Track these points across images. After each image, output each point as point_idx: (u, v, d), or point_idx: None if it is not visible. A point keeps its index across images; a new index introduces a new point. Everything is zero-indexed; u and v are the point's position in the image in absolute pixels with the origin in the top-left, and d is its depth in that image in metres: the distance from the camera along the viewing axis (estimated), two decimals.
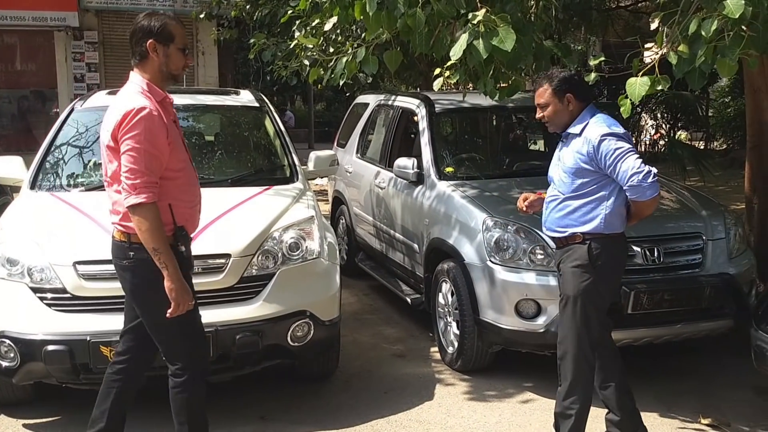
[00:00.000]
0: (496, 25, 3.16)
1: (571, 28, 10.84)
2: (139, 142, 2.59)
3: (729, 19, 2.75)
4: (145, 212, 2.61)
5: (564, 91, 3.14)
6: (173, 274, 2.65)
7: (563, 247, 3.20)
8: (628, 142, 3.07)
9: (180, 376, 2.82)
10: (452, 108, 5.48)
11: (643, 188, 3.00)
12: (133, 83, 2.74)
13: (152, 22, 2.70)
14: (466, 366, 4.23)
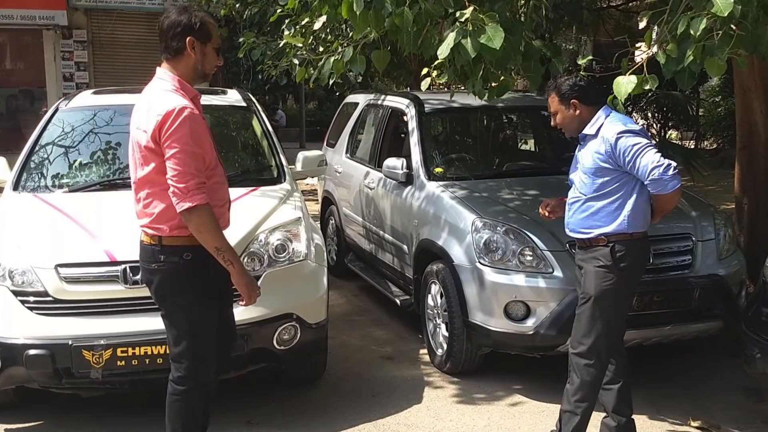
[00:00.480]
0: (484, 23, 3.12)
1: (562, 27, 10.85)
2: (185, 143, 2.52)
3: (718, 17, 2.72)
4: (202, 214, 2.55)
5: (569, 98, 3.17)
6: (240, 269, 2.65)
7: (586, 248, 3.19)
8: (645, 137, 3.08)
9: (181, 384, 2.77)
10: (442, 108, 5.45)
11: (664, 181, 2.98)
12: (163, 80, 2.66)
13: (192, 19, 2.62)
14: (455, 368, 4.19)
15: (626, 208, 3.09)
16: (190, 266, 2.65)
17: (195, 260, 2.65)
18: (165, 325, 2.79)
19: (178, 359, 2.76)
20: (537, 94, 5.87)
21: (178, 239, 2.64)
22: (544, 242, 3.95)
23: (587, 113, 3.16)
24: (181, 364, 2.75)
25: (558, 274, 3.86)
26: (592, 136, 3.15)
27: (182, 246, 2.65)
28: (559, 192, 4.64)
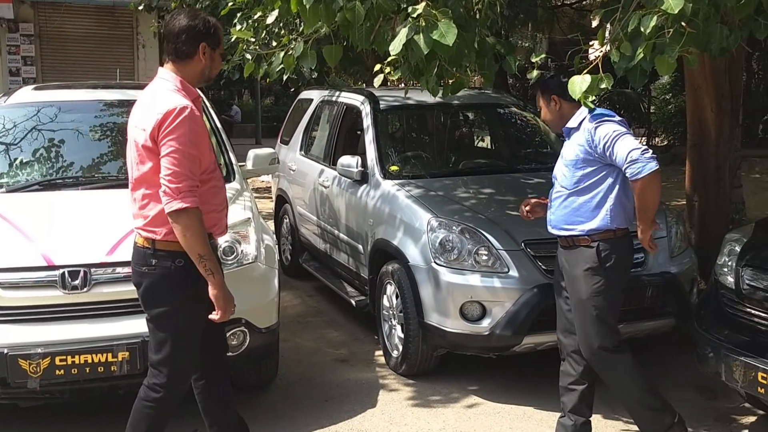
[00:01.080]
0: (437, 19, 3.04)
1: (518, 25, 10.87)
2: (183, 143, 2.46)
3: (669, 15, 2.70)
4: (190, 217, 2.48)
5: (549, 94, 3.20)
6: (219, 282, 2.57)
7: (569, 247, 3.18)
8: (624, 126, 3.08)
9: (156, 392, 2.67)
10: (397, 105, 5.37)
11: (641, 162, 2.93)
12: (165, 80, 2.61)
13: (206, 24, 2.59)
14: (410, 370, 4.13)
15: (608, 202, 3.09)
16: (182, 272, 2.58)
17: (187, 267, 2.58)
18: (149, 330, 2.71)
19: (157, 366, 2.67)
20: (492, 92, 5.86)
21: (172, 244, 2.57)
22: (500, 241, 3.91)
23: (568, 109, 3.18)
24: (161, 372, 2.66)
25: (513, 273, 3.83)
26: (575, 129, 3.16)
27: (175, 252, 2.58)
28: (515, 190, 4.65)
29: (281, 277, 6.19)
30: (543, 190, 4.71)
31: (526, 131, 5.96)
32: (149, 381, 2.70)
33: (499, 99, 5.90)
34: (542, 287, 3.77)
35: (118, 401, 3.07)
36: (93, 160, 4.46)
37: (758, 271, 3.08)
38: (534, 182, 4.85)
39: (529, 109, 5.98)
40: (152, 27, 11.03)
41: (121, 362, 3.23)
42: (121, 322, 3.31)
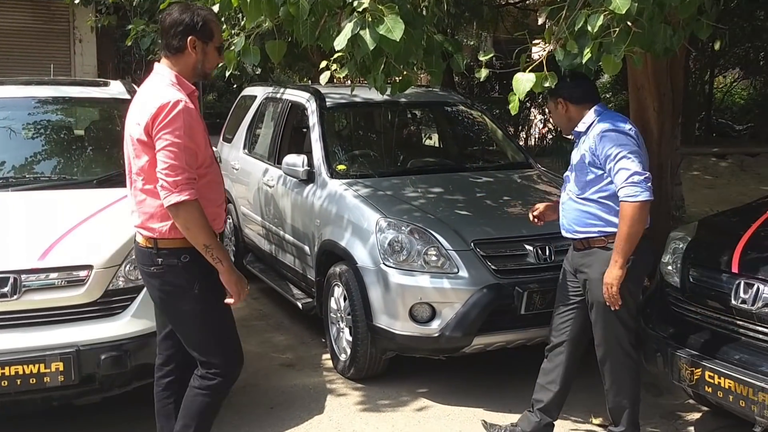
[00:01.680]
0: (384, 14, 2.96)
1: (463, 23, 10.90)
2: (178, 137, 2.44)
3: (615, 14, 2.69)
4: (191, 209, 2.45)
5: (556, 97, 3.18)
6: (229, 267, 2.54)
7: (584, 249, 3.12)
8: (634, 138, 3.00)
9: (211, 379, 2.66)
10: (344, 102, 5.27)
11: (640, 187, 2.88)
12: (160, 75, 2.59)
13: (194, 18, 2.56)
14: (359, 374, 4.04)
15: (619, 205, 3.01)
16: (190, 267, 2.56)
17: (193, 260, 2.55)
18: (178, 333, 2.68)
19: (207, 358, 2.65)
20: (440, 90, 5.82)
21: (174, 241, 2.55)
22: (449, 242, 3.86)
23: (575, 112, 3.15)
24: (211, 363, 2.64)
25: (463, 274, 3.78)
26: (583, 134, 3.13)
27: (179, 248, 2.56)
28: (464, 189, 4.61)
29: None
30: (491, 189, 4.74)
31: (473, 130, 5.94)
32: (201, 371, 2.67)
33: (447, 97, 5.86)
34: (492, 287, 3.73)
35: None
36: (25, 160, 4.24)
37: (703, 269, 3.10)
38: (482, 181, 4.83)
39: (476, 107, 5.97)
40: (89, 21, 10.63)
41: (54, 373, 3.06)
42: (54, 330, 3.14)
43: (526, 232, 4.04)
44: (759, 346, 2.77)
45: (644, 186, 2.89)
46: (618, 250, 2.93)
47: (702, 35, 3.42)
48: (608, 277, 2.96)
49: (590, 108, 3.14)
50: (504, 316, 3.79)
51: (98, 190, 3.84)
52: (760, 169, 11.33)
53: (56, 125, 4.61)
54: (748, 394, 2.67)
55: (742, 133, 14.39)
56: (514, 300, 3.74)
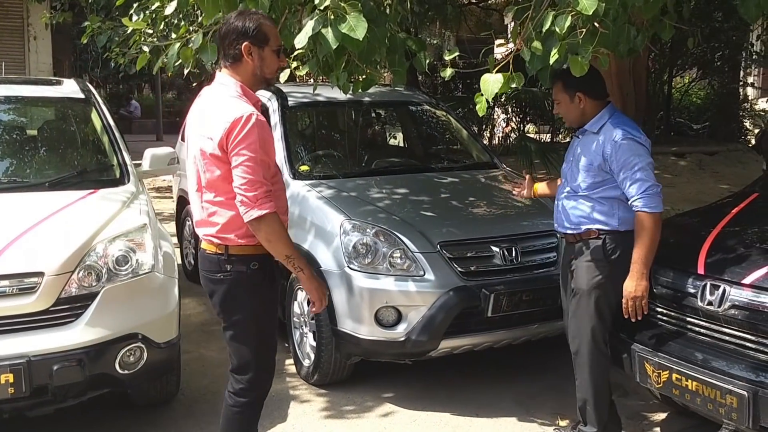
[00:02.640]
0: (346, 12, 2.87)
1: (427, 22, 10.86)
2: (254, 151, 2.44)
3: (582, 15, 2.65)
4: (272, 222, 2.48)
5: (574, 89, 3.10)
6: (310, 274, 2.61)
7: (576, 242, 3.14)
8: (648, 148, 3.02)
9: (242, 396, 2.67)
10: (307, 102, 5.16)
11: (659, 198, 2.92)
12: (225, 86, 2.57)
13: (247, 23, 2.54)
14: (323, 380, 3.95)
15: (620, 208, 3.05)
16: (257, 275, 2.58)
17: (261, 269, 2.60)
18: (227, 337, 2.69)
19: (241, 371, 2.66)
20: (405, 89, 5.75)
21: (246, 248, 2.57)
22: (415, 244, 3.79)
23: (591, 107, 3.11)
24: (244, 376, 2.66)
25: (429, 276, 3.72)
26: (593, 134, 3.08)
27: (250, 255, 2.58)
28: (429, 190, 4.55)
29: (184, 283, 5.93)
30: (457, 190, 4.68)
31: (438, 129, 5.89)
32: (234, 387, 2.68)
33: (411, 96, 5.80)
34: (458, 290, 3.68)
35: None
36: None
37: (668, 271, 3.08)
38: (448, 181, 4.78)
39: (441, 106, 5.92)
40: (43, 18, 10.33)
41: (3, 385, 2.92)
42: (4, 341, 2.99)
43: (492, 233, 4.00)
44: (726, 348, 2.76)
45: (660, 198, 2.94)
46: (642, 261, 2.92)
47: (665, 36, 3.43)
48: (636, 290, 2.94)
49: (604, 106, 3.13)
50: (471, 318, 3.74)
51: (51, 192, 3.68)
52: (718, 167, 11.55)
53: (7, 125, 4.43)
54: (715, 397, 2.66)
55: (699, 132, 14.67)
56: (480, 302, 3.69)
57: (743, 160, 11.98)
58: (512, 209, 4.46)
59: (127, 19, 3.94)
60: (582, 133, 3.17)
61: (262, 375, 2.70)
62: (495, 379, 4.09)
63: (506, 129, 13.74)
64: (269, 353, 2.72)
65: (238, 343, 2.66)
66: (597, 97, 3.13)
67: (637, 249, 2.93)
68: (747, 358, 2.67)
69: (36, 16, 11.53)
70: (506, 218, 4.31)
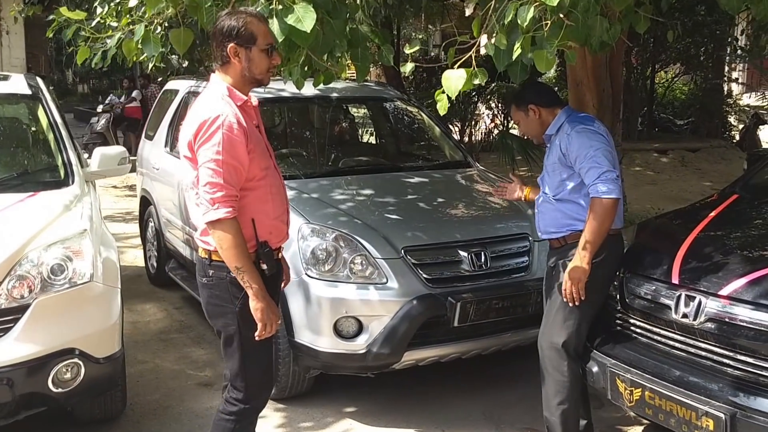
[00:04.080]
0: (294, 2, 2.65)
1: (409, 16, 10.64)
2: (217, 152, 2.39)
3: (547, 6, 2.45)
4: (226, 228, 2.40)
5: (526, 104, 3.12)
6: (258, 293, 2.45)
7: (560, 247, 3.08)
8: (604, 136, 2.98)
9: (235, 405, 2.60)
10: (270, 97, 4.90)
11: (614, 184, 2.84)
12: (212, 87, 2.54)
13: (232, 23, 2.47)
14: (281, 394, 3.72)
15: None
16: (237, 283, 2.47)
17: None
18: (222, 350, 2.64)
19: (233, 380, 2.61)
20: (375, 84, 5.53)
21: None
22: (378, 249, 3.58)
23: (547, 115, 3.11)
24: (235, 386, 2.60)
25: (392, 284, 3.50)
26: (554, 136, 3.08)
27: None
28: (396, 191, 4.33)
29: (147, 287, 5.70)
30: (426, 191, 4.46)
31: (410, 127, 5.68)
32: (227, 394, 2.63)
33: (382, 92, 5.58)
34: (423, 298, 3.47)
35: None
36: None
37: (641, 279, 2.89)
38: (417, 182, 4.56)
39: (413, 102, 5.71)
40: (12, 11, 10.00)
41: None
42: None
43: (460, 236, 3.80)
44: (702, 364, 2.57)
45: (616, 183, 2.86)
46: (585, 247, 2.87)
47: (640, 28, 3.24)
48: (574, 273, 2.88)
49: (559, 109, 3.11)
50: (436, 329, 3.54)
51: None
52: (701, 164, 11.44)
53: None
54: (691, 418, 2.47)
55: (683, 128, 14.57)
56: (446, 312, 3.49)
57: (726, 156, 11.89)
58: (483, 211, 4.26)
59: (64, 9, 3.68)
60: (548, 141, 3.14)
61: (251, 389, 2.60)
62: (463, 391, 3.89)
63: (490, 125, 13.56)
64: (259, 365, 2.61)
65: (225, 352, 2.61)
66: (549, 104, 3.11)
67: (585, 233, 2.87)
68: (725, 376, 2.49)
69: (8, 10, 11.17)
70: (476, 221, 4.10)
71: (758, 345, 2.41)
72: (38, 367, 2.89)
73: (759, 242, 2.94)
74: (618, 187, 2.87)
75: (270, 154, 2.64)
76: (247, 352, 2.55)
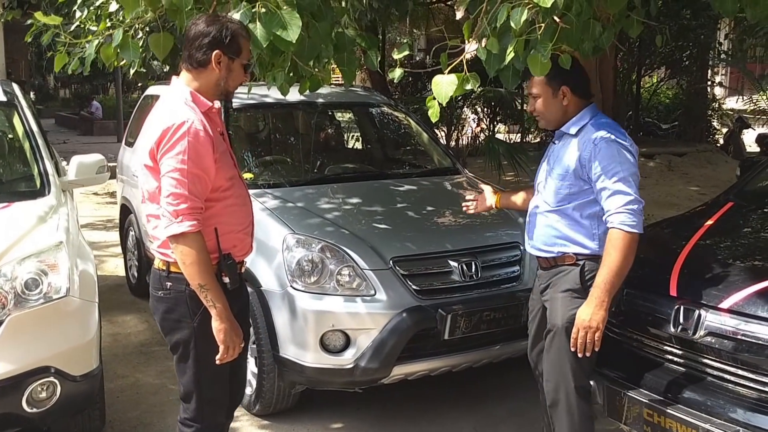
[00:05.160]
0: (279, 6, 2.54)
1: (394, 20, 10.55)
2: (182, 162, 2.26)
3: (540, 8, 2.36)
4: (190, 243, 2.28)
5: (559, 83, 2.68)
6: (222, 314, 2.32)
7: (550, 268, 2.73)
8: (635, 158, 2.58)
9: (186, 426, 2.51)
10: (255, 103, 4.78)
11: (639, 216, 2.48)
12: (175, 91, 2.41)
13: (223, 31, 2.36)
14: (265, 410, 3.61)
15: (600, 227, 2.61)
16: (196, 297, 2.35)
17: None
18: (175, 367, 2.52)
19: (185, 399, 2.51)
20: (362, 90, 5.43)
21: None
22: (365, 260, 3.47)
23: (574, 105, 2.69)
24: (188, 405, 2.50)
25: (381, 296, 3.40)
26: (570, 136, 2.68)
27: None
28: (384, 199, 4.23)
29: (128, 297, 5.55)
30: (414, 199, 4.36)
31: (397, 133, 5.58)
32: (181, 416, 2.53)
33: (368, 97, 5.48)
34: (412, 311, 3.37)
35: None
36: None
37: (638, 291, 2.81)
38: (405, 189, 4.47)
39: (400, 108, 5.61)
40: None
41: None
42: None
43: (450, 246, 3.70)
44: (703, 380, 2.49)
45: (641, 217, 2.51)
46: (605, 287, 2.47)
47: (632, 33, 3.16)
48: (592, 320, 2.48)
49: (586, 105, 2.72)
50: (426, 342, 3.44)
51: None
52: (688, 168, 11.45)
53: None
54: None
55: (668, 132, 14.61)
56: (436, 324, 3.39)
57: (712, 161, 11.91)
58: (473, 219, 4.16)
59: (40, 14, 3.55)
60: (559, 138, 2.76)
61: (206, 407, 2.48)
62: (453, 405, 3.79)
63: (476, 129, 13.52)
64: (215, 383, 2.48)
65: (178, 368, 2.50)
66: (582, 95, 2.71)
67: (603, 272, 2.49)
68: (726, 392, 2.40)
69: None
70: (466, 229, 4.00)
71: (760, 360, 2.33)
72: (12, 386, 2.76)
73: (758, 252, 2.87)
74: (642, 221, 2.51)
75: (234, 164, 2.52)
76: (203, 369, 2.43)
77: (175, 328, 2.44)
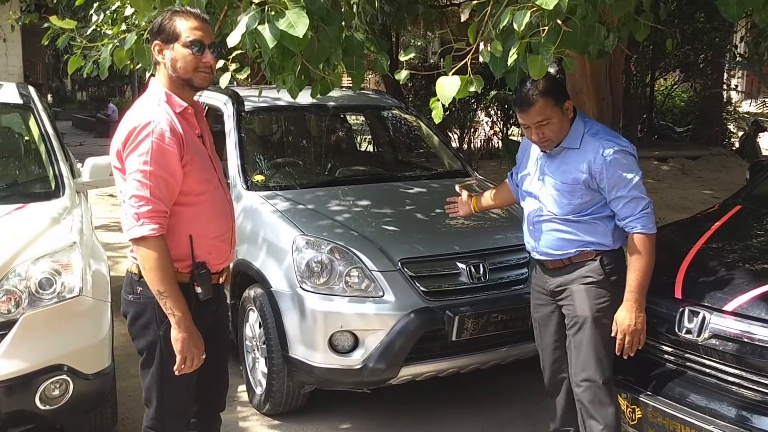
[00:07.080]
0: (286, 7, 2.58)
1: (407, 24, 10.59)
2: (144, 163, 2.21)
3: (544, 11, 2.39)
4: (151, 247, 2.22)
5: (563, 99, 2.70)
6: (180, 322, 2.27)
7: (564, 267, 2.76)
8: (637, 159, 2.69)
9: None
10: (266, 106, 4.85)
11: (653, 219, 2.60)
12: (150, 92, 2.37)
13: (155, 25, 2.33)
14: (275, 410, 3.64)
15: (609, 227, 2.70)
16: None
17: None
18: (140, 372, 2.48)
19: (147, 404, 2.48)
20: (373, 93, 5.48)
21: None
22: (374, 262, 3.50)
23: (573, 116, 2.74)
24: (149, 412, 2.47)
25: (389, 297, 3.42)
26: (571, 149, 2.70)
27: None
28: (394, 202, 4.26)
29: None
30: (424, 201, 4.39)
31: (409, 136, 5.62)
32: (144, 423, 2.48)
33: (379, 100, 5.52)
34: (420, 312, 3.39)
35: None
36: None
37: None
38: (415, 192, 4.50)
39: (411, 111, 5.65)
40: (9, 20, 9.96)
41: None
42: None
43: (458, 248, 3.72)
44: (707, 382, 2.50)
45: (654, 217, 2.63)
46: (640, 290, 2.58)
47: (639, 36, 3.17)
48: (636, 323, 2.57)
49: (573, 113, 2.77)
50: (434, 343, 3.46)
51: None
52: (701, 172, 11.37)
53: None
54: None
55: (682, 135, 14.53)
56: (444, 325, 3.41)
57: (727, 164, 11.82)
58: (482, 222, 4.18)
59: (54, 18, 3.62)
60: (557, 151, 2.76)
61: (167, 416, 2.43)
62: (461, 407, 3.81)
63: (489, 132, 13.52)
64: (178, 394, 2.42)
65: (142, 373, 2.46)
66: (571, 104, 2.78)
67: (634, 275, 2.58)
68: (730, 394, 2.41)
69: (4, 18, 11.15)
70: (474, 232, 4.02)
71: (764, 363, 2.34)
72: (25, 384, 2.82)
73: (764, 256, 2.87)
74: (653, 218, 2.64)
75: (215, 167, 2.45)
76: (166, 378, 2.38)
77: (142, 334, 2.40)
